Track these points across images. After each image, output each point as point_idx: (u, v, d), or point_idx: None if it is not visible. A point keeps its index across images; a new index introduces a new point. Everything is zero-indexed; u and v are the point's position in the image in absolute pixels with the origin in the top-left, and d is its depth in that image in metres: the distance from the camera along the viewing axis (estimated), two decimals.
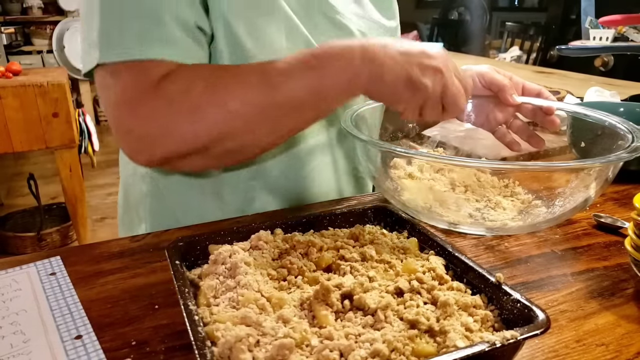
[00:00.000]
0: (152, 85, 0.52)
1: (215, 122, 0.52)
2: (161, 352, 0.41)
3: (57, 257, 0.55)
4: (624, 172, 0.62)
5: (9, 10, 3.86)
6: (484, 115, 0.76)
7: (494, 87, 0.72)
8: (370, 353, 0.34)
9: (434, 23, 4.37)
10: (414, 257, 0.47)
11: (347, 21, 0.69)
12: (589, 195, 0.57)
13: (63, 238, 2.29)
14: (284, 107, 0.53)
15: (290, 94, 0.53)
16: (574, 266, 0.54)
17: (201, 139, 0.53)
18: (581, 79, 1.79)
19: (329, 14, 0.67)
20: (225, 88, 0.53)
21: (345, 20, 0.68)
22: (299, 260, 0.46)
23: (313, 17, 0.66)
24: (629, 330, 0.44)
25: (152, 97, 0.52)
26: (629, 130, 0.61)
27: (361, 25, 0.72)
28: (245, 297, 0.40)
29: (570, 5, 3.44)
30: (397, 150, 0.55)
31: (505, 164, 0.63)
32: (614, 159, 0.53)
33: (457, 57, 2.67)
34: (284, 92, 0.53)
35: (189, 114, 0.52)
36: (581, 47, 1.47)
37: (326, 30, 0.67)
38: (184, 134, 0.53)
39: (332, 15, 0.67)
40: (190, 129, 0.52)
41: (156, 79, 0.53)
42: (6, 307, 0.46)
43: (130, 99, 0.53)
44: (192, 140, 0.53)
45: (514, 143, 0.75)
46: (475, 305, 0.40)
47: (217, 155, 0.56)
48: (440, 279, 0.43)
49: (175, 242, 0.47)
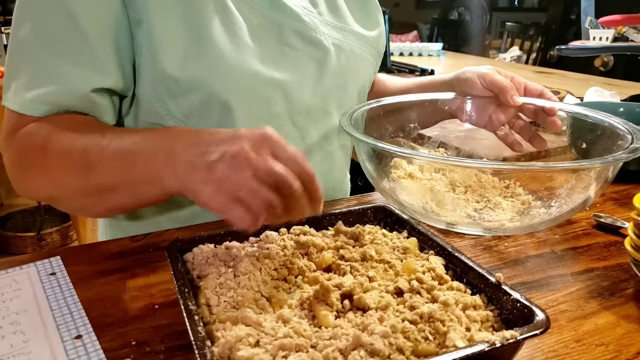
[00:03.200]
0: (16, 130, 0.57)
1: (42, 186, 0.58)
2: (161, 352, 0.41)
3: (57, 257, 0.55)
4: (624, 172, 0.62)
5: (9, 10, 3.86)
6: (487, 116, 0.76)
7: (494, 88, 0.72)
8: (370, 353, 0.34)
9: (434, 23, 4.37)
10: (414, 257, 0.47)
11: (321, 35, 0.68)
12: (588, 196, 0.57)
13: (63, 238, 2.29)
14: (98, 187, 0.53)
15: (102, 176, 0.52)
16: (573, 266, 0.54)
17: (37, 195, 0.59)
18: (581, 79, 1.80)
19: (300, 30, 0.67)
20: (52, 156, 0.55)
21: (319, 35, 0.68)
22: (299, 260, 0.46)
23: (282, 34, 0.65)
24: (629, 330, 0.44)
25: (9, 144, 0.58)
26: (629, 130, 0.61)
27: (337, 37, 0.71)
28: (245, 297, 0.40)
29: (570, 6, 3.44)
30: (397, 151, 0.55)
31: (504, 164, 0.63)
32: (614, 159, 0.53)
33: (457, 57, 2.67)
34: (97, 173, 0.52)
35: (25, 170, 0.58)
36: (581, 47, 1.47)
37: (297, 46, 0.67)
38: (25, 187, 0.59)
39: (302, 31, 0.67)
40: (26, 184, 0.59)
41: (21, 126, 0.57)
42: (6, 307, 0.46)
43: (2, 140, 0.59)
44: (33, 193, 0.61)
45: (516, 143, 0.75)
46: (475, 305, 0.40)
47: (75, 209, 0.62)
48: (440, 279, 0.43)
49: (175, 242, 0.47)
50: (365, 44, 0.76)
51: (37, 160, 0.56)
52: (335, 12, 0.74)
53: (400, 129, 0.82)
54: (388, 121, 0.80)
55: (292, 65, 0.66)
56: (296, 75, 0.67)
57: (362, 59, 0.76)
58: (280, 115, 0.67)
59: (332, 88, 0.71)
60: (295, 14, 0.66)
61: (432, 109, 0.81)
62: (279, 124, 0.67)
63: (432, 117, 0.82)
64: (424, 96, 0.81)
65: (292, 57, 0.66)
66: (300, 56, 0.67)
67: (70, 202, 0.60)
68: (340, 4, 0.75)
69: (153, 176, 0.48)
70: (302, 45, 0.67)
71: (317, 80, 0.69)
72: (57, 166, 0.55)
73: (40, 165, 0.56)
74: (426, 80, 0.86)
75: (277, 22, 0.65)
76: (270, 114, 0.66)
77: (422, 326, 0.36)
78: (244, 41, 0.62)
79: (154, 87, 0.60)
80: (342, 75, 0.72)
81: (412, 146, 0.84)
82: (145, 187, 0.50)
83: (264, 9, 0.64)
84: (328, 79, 0.70)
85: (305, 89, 0.68)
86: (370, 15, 0.80)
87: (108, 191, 0.53)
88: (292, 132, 0.69)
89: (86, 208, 0.60)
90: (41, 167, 0.56)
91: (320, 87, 0.70)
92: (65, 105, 0.57)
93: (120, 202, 0.55)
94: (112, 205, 0.56)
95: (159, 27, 0.57)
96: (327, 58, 0.69)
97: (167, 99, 0.61)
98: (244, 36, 0.62)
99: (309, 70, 0.68)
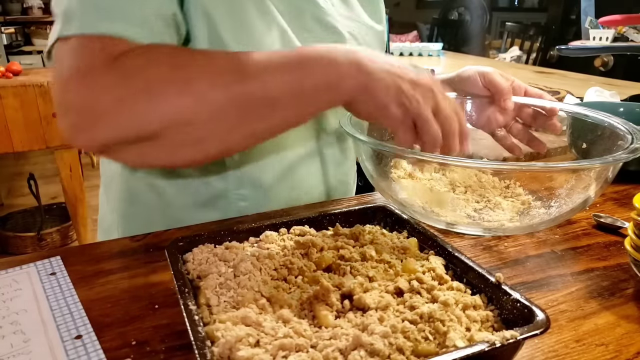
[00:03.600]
0: (108, 59, 0.48)
1: (174, 104, 0.46)
2: (161, 352, 0.41)
3: (57, 257, 0.55)
4: (624, 172, 0.62)
5: (9, 10, 3.87)
6: (485, 117, 0.76)
7: (492, 87, 0.73)
8: (370, 353, 0.34)
9: (434, 23, 4.37)
10: (414, 257, 0.47)
11: (337, 23, 0.69)
12: (588, 196, 0.57)
13: (63, 238, 2.29)
14: (256, 101, 0.48)
15: (265, 87, 0.47)
16: (573, 266, 0.54)
17: (154, 121, 0.47)
18: (581, 79, 1.80)
19: (319, 16, 0.67)
20: (191, 67, 0.48)
21: (334, 22, 0.68)
22: (299, 260, 0.46)
23: (302, 19, 0.66)
24: (629, 330, 0.44)
25: (105, 70, 0.47)
26: (629, 130, 0.61)
27: (351, 27, 0.72)
28: (245, 297, 0.40)
29: (570, 6, 3.44)
30: (396, 151, 0.55)
31: (504, 164, 0.63)
32: (613, 159, 0.53)
33: (457, 57, 2.67)
34: (258, 84, 0.47)
35: (145, 91, 0.46)
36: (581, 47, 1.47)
37: (316, 32, 0.67)
38: (136, 112, 0.47)
39: (321, 17, 0.67)
40: (144, 107, 0.46)
41: (114, 55, 0.48)
42: (6, 307, 0.46)
43: (82, 71, 0.48)
44: (145, 121, 0.47)
45: (515, 147, 0.76)
46: (475, 306, 0.40)
47: (169, 147, 0.49)
48: (440, 279, 0.43)
49: (175, 242, 0.47)
50: (375, 36, 0.77)
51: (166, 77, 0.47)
52: (346, 3, 0.74)
53: None
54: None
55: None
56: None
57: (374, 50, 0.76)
58: None
59: None
60: (315, 1, 0.66)
61: None
62: None
63: None
64: None
65: (311, 42, 0.66)
66: (318, 41, 0.67)
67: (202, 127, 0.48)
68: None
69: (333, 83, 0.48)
70: (320, 30, 0.67)
71: None
72: (203, 78, 0.47)
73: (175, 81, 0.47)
74: None
75: (299, 8, 0.65)
76: None
77: (422, 326, 0.36)
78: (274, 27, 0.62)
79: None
80: None
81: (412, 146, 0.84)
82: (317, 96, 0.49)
83: None
84: None
85: None
86: (377, 9, 0.80)
87: (265, 106, 0.48)
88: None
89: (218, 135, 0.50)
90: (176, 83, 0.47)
91: None
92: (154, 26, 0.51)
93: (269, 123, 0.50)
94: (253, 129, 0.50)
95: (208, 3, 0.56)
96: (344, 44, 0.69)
97: None
98: (275, 22, 0.62)
99: None
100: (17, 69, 1.93)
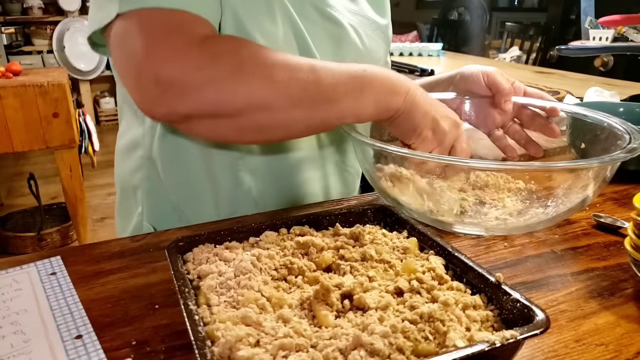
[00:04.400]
0: (196, 39, 0.51)
1: (258, 88, 0.51)
2: (161, 352, 0.41)
3: (58, 257, 0.55)
4: (624, 172, 0.62)
5: (9, 10, 3.86)
6: (483, 116, 0.76)
7: (493, 87, 0.73)
8: (370, 353, 0.34)
9: (433, 23, 4.37)
10: (414, 257, 0.47)
11: (338, 14, 0.69)
12: (587, 195, 0.57)
13: (63, 238, 2.29)
14: (325, 94, 0.54)
15: (334, 83, 0.54)
16: (573, 266, 0.55)
17: (239, 102, 0.51)
18: (581, 79, 1.80)
19: (318, 5, 0.67)
20: (273, 59, 0.53)
21: (336, 13, 0.69)
22: (299, 260, 0.46)
23: (304, 8, 0.66)
24: (629, 330, 0.44)
25: (197, 49, 0.51)
26: (627, 130, 0.61)
27: (353, 20, 0.72)
28: (245, 297, 0.40)
29: (570, 6, 3.44)
30: (396, 151, 0.55)
31: (503, 164, 0.63)
32: (611, 159, 0.53)
33: (456, 57, 2.68)
34: (329, 80, 0.54)
35: (234, 72, 0.51)
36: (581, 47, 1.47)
37: (315, 20, 0.67)
38: (224, 91, 0.51)
39: (321, 6, 0.67)
40: (231, 88, 0.51)
41: (200, 36, 0.52)
42: (6, 307, 0.46)
43: (172, 46, 0.50)
44: (229, 100, 0.51)
45: (509, 148, 0.76)
46: (475, 305, 0.40)
47: (243, 127, 0.54)
48: (440, 279, 0.43)
49: (175, 242, 0.47)
50: (377, 29, 0.77)
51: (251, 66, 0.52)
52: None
53: None
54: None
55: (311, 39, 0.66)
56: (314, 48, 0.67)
57: (376, 43, 0.77)
58: None
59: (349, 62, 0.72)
60: None
61: None
62: None
63: None
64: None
65: (311, 31, 0.66)
66: (318, 30, 0.67)
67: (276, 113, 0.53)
68: None
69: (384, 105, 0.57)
70: (320, 20, 0.67)
71: (334, 56, 0.69)
72: (282, 71, 0.52)
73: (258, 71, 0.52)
74: (428, 79, 0.86)
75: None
76: None
77: (422, 326, 0.36)
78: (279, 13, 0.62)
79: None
80: (359, 54, 0.73)
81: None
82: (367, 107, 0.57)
83: None
84: (346, 56, 0.71)
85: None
86: (382, 3, 0.81)
87: (329, 102, 0.55)
88: None
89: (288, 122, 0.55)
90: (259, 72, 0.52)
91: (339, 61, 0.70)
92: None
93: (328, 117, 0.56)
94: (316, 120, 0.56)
95: None
96: (343, 34, 0.70)
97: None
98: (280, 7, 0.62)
99: (327, 45, 0.69)
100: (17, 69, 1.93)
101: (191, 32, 0.52)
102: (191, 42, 0.51)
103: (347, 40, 0.70)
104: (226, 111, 0.52)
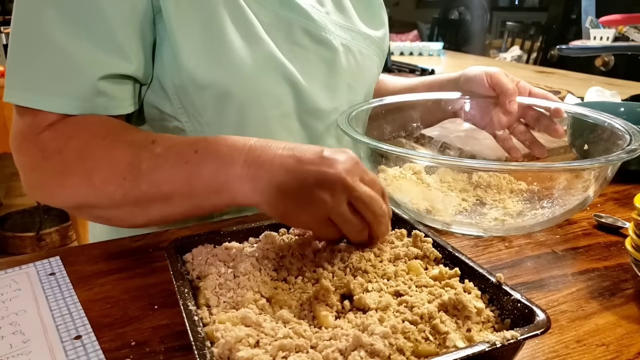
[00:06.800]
0: (35, 132, 0.52)
1: (78, 192, 0.51)
2: (161, 353, 0.41)
3: (57, 257, 0.55)
4: (624, 172, 0.62)
5: (9, 10, 3.86)
6: (488, 117, 0.76)
7: (497, 88, 0.72)
8: (370, 353, 0.33)
9: (434, 23, 4.37)
10: (415, 258, 0.47)
11: (329, 35, 0.68)
12: (587, 196, 0.57)
13: (62, 238, 2.29)
14: (148, 196, 0.49)
15: (156, 185, 0.48)
16: (574, 266, 0.54)
17: (68, 202, 0.53)
18: (582, 78, 1.79)
19: (309, 29, 0.66)
20: (93, 160, 0.50)
21: (326, 34, 0.67)
22: (299, 260, 0.46)
23: (291, 32, 0.65)
24: (630, 330, 0.44)
25: (32, 146, 0.53)
26: (628, 130, 0.61)
27: (345, 37, 0.71)
28: (245, 298, 0.40)
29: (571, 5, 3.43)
30: (395, 151, 0.55)
31: (504, 164, 0.63)
32: (612, 159, 0.53)
33: (457, 56, 2.67)
34: (150, 182, 0.48)
35: (57, 175, 0.52)
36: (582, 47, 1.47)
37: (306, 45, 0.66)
38: (53, 194, 0.53)
39: (311, 30, 0.66)
40: (58, 191, 0.53)
41: (41, 127, 0.53)
42: (6, 307, 0.46)
43: (18, 141, 0.54)
44: (61, 201, 0.54)
45: (514, 149, 0.76)
46: None
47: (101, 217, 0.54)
48: (441, 279, 0.43)
49: (175, 242, 0.47)
50: (371, 44, 0.75)
51: (72, 165, 0.51)
52: (341, 11, 0.73)
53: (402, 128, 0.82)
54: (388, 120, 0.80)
55: (301, 65, 0.65)
56: (305, 74, 0.66)
57: (369, 60, 0.75)
58: (290, 114, 0.66)
59: (341, 88, 0.71)
60: (305, 12, 0.65)
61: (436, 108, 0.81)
62: (289, 123, 0.67)
63: (434, 116, 0.82)
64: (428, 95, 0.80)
65: (301, 57, 0.65)
66: (310, 55, 0.66)
67: (107, 211, 0.52)
68: (346, 3, 0.74)
69: (222, 187, 0.46)
70: (311, 44, 0.66)
71: (326, 80, 0.69)
72: (100, 172, 0.50)
73: (78, 172, 0.51)
74: (431, 79, 0.86)
75: (286, 21, 0.64)
76: (282, 112, 0.65)
77: (423, 326, 0.36)
78: (255, 39, 0.61)
79: (172, 79, 0.59)
80: (351, 75, 0.72)
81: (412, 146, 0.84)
82: (209, 197, 0.48)
83: (274, 7, 0.63)
84: (338, 79, 0.70)
85: (315, 89, 0.67)
86: (376, 15, 0.79)
87: (160, 201, 0.49)
88: (301, 132, 0.69)
89: (124, 218, 0.53)
90: (79, 173, 0.51)
91: (330, 87, 0.69)
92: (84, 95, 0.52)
93: (170, 212, 0.51)
94: (158, 215, 0.51)
95: (175, 19, 0.56)
96: (336, 58, 0.69)
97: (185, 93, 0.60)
98: (256, 34, 0.61)
99: (318, 70, 0.68)
100: None
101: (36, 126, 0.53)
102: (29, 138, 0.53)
103: (339, 63, 0.69)
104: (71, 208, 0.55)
